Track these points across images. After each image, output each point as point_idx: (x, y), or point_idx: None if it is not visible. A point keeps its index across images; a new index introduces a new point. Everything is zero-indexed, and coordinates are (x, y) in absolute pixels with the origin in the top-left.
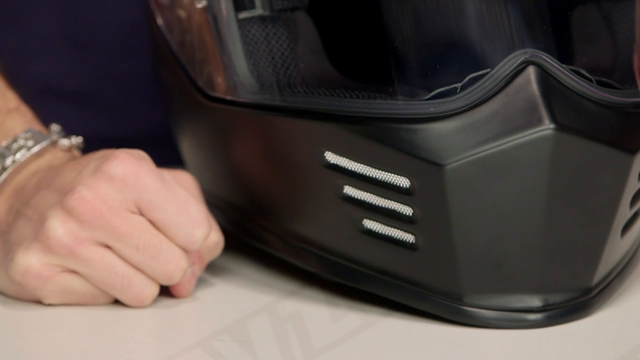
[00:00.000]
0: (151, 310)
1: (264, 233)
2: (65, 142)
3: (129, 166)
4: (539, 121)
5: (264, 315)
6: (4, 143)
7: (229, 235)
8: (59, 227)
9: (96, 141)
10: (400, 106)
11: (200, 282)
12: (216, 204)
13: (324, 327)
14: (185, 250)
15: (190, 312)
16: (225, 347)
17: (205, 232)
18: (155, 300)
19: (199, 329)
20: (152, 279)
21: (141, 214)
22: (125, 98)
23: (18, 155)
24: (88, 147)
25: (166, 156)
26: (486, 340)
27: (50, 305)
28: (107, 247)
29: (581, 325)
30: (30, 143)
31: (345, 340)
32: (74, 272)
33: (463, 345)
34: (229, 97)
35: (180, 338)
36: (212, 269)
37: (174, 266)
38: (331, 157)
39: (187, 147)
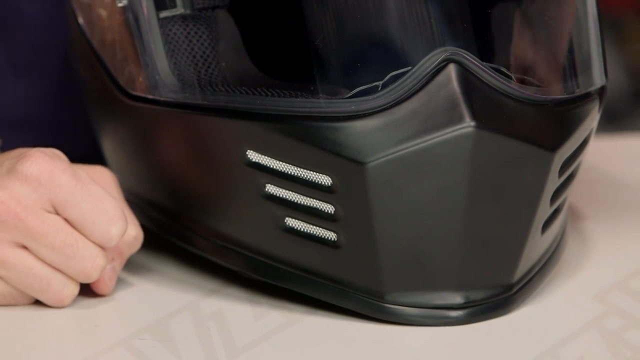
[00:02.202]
0: (72, 310)
1: (187, 232)
2: None
3: (43, 165)
4: (459, 119)
5: (186, 313)
6: None
7: (151, 234)
8: None
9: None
10: (321, 104)
11: (121, 281)
12: (138, 203)
13: (246, 325)
14: (102, 247)
15: (112, 311)
16: (148, 345)
17: (121, 228)
18: (76, 300)
19: (120, 328)
20: (71, 278)
21: (57, 212)
22: (76, 116)
23: None
24: None
25: None
26: (408, 338)
27: None
28: (24, 247)
29: (503, 322)
30: None
31: (268, 338)
32: None
33: (385, 343)
34: (150, 96)
35: (102, 337)
36: (134, 267)
37: (91, 264)
38: (253, 156)
39: (108, 146)
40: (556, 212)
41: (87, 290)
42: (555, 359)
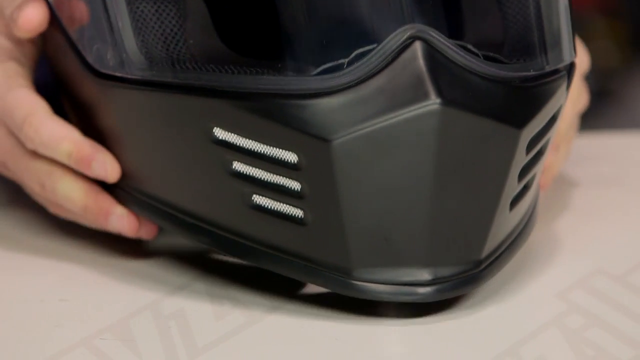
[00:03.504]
0: (33, 308)
1: (156, 209)
2: None
3: None
4: (425, 96)
5: (147, 313)
6: None
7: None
8: None
9: None
10: (287, 82)
11: (85, 278)
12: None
13: (207, 324)
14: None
15: (73, 310)
16: (109, 345)
17: None
18: (36, 297)
19: (82, 327)
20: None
21: None
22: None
23: None
24: None
25: None
26: (369, 336)
27: None
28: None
29: (463, 320)
30: None
31: (229, 337)
32: None
33: (346, 341)
34: (118, 74)
35: (63, 337)
36: (95, 263)
37: None
38: (220, 133)
39: (76, 123)
40: (525, 189)
41: (48, 289)
42: (516, 358)
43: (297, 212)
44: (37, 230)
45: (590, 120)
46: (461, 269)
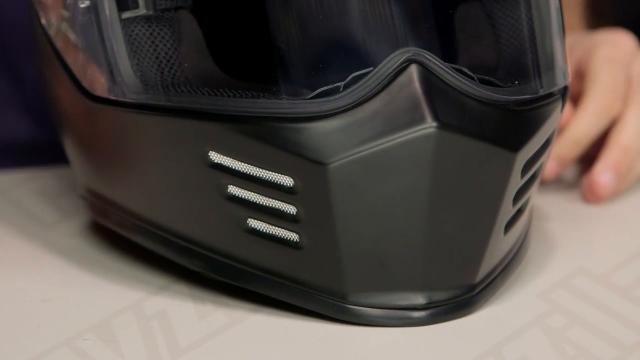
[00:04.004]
0: (15, 309)
1: (150, 233)
2: None
3: None
4: (421, 119)
5: (130, 313)
6: None
7: (109, 232)
8: None
9: (16, 146)
10: (283, 105)
11: (67, 279)
12: (99, 204)
13: (190, 324)
14: None
15: (56, 311)
16: (91, 346)
17: None
18: (19, 298)
19: (64, 328)
20: None
21: None
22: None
23: None
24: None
25: None
26: (353, 338)
27: None
28: None
29: (464, 323)
30: None
31: (212, 337)
32: None
33: (329, 342)
34: (112, 97)
35: (46, 338)
36: (81, 263)
37: None
38: (215, 157)
39: (71, 147)
40: (519, 213)
41: (30, 290)
42: (499, 358)
43: (293, 236)
44: (19, 231)
45: None
46: (455, 293)
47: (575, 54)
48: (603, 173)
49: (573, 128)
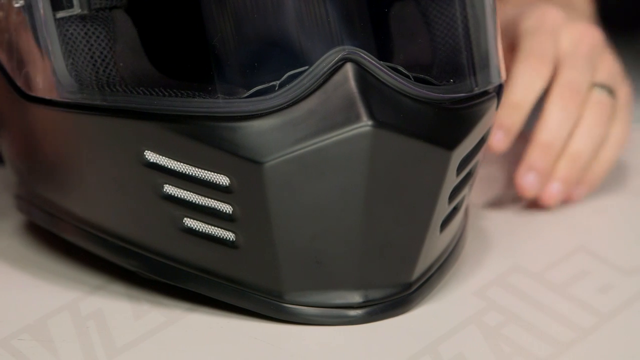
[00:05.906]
0: None
1: (85, 232)
2: None
3: None
4: (356, 118)
5: (65, 313)
6: None
7: (44, 232)
8: None
9: None
10: (219, 104)
11: (2, 279)
12: (34, 201)
13: (126, 324)
14: None
15: None
16: (26, 346)
17: None
18: None
19: None
20: None
21: None
22: None
23: None
24: None
25: None
26: (290, 336)
27: None
28: None
29: (401, 321)
30: None
31: (148, 337)
32: None
33: (265, 340)
34: (47, 97)
35: None
36: (16, 262)
37: None
38: (151, 156)
39: (6, 146)
40: (455, 211)
41: None
42: (435, 356)
43: (229, 235)
44: None
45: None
46: (392, 291)
47: (506, 29)
48: (525, 175)
49: (509, 94)
